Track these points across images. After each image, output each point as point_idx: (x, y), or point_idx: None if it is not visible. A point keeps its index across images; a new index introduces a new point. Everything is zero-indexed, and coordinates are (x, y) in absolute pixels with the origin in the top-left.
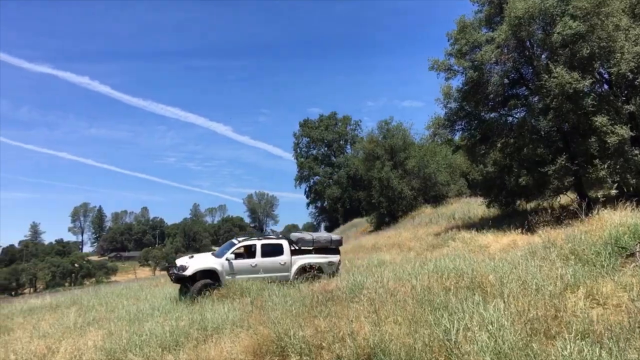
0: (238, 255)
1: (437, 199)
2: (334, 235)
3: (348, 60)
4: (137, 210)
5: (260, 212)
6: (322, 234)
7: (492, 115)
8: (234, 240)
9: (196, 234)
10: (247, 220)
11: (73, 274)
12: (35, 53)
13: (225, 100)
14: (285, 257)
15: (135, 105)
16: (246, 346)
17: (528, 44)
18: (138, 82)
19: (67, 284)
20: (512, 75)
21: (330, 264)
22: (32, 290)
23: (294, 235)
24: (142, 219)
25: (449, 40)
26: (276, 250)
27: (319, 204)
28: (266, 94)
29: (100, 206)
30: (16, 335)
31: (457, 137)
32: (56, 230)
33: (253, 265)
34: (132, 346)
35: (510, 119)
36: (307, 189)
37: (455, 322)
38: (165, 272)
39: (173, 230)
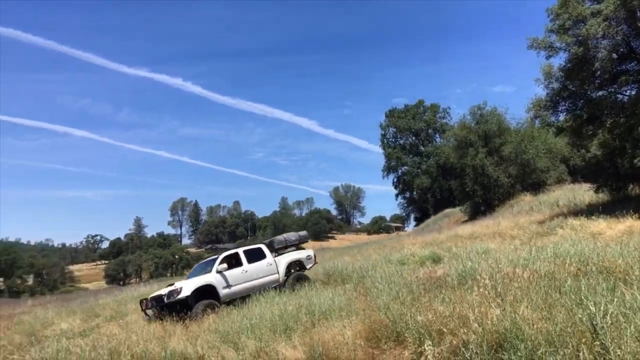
0: (226, 268)
1: (536, 187)
2: (301, 233)
3: (431, 48)
4: (230, 204)
5: (347, 204)
6: (291, 234)
7: (600, 93)
8: (204, 260)
9: (285, 226)
10: (333, 212)
11: (174, 265)
12: (134, 58)
13: (309, 95)
14: (269, 259)
15: (225, 104)
16: (359, 331)
17: (639, 14)
18: (226, 81)
19: (168, 274)
20: (622, 49)
21: (309, 257)
22: (137, 280)
23: (268, 240)
24: (235, 212)
25: (549, 16)
26: (258, 254)
27: (407, 195)
28: (349, 87)
29: (196, 201)
30: (132, 318)
31: (560, 119)
32: (157, 224)
33: (244, 271)
34: (244, 329)
35: (620, 96)
36: (395, 180)
37: (600, 306)
38: None
39: (263, 223)
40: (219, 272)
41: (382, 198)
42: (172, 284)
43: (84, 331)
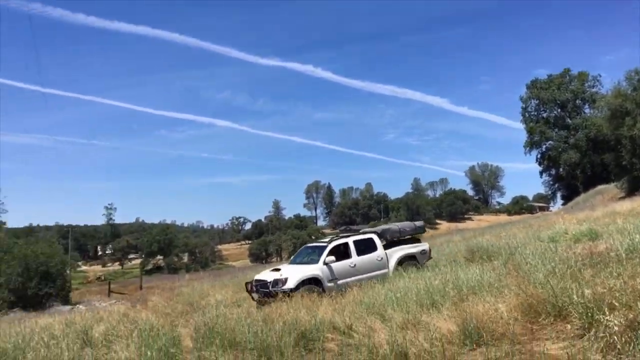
0: (334, 260)
1: None
2: (417, 222)
3: (576, 12)
4: (362, 186)
5: (484, 184)
6: (407, 223)
7: None
8: (312, 245)
9: (419, 208)
10: (470, 193)
11: None
12: (267, 50)
13: (441, 73)
14: (380, 251)
15: (355, 87)
16: (514, 305)
17: None
18: (355, 64)
19: None
20: None
21: (423, 252)
22: (278, 258)
23: (379, 228)
24: (367, 194)
25: None
26: (369, 246)
27: (553, 172)
28: (484, 61)
29: (329, 183)
30: None
31: None
32: (294, 206)
33: (352, 265)
34: (389, 302)
35: None
36: (538, 156)
37: None
38: None
39: (396, 204)
40: (326, 264)
41: (523, 177)
42: (278, 269)
43: (236, 301)
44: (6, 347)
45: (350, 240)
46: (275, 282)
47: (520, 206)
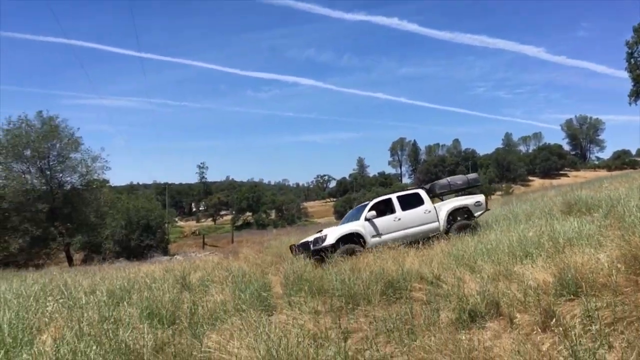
0: (375, 215)
1: None
2: (470, 175)
3: None
4: (449, 143)
5: (582, 138)
6: (458, 177)
7: None
8: (358, 205)
9: (510, 164)
10: (566, 147)
11: None
12: (351, 3)
13: (535, 20)
14: (427, 205)
15: (442, 39)
16: (616, 256)
17: None
18: (443, 15)
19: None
20: None
21: (477, 204)
22: None
23: (427, 185)
24: (454, 151)
25: None
26: (415, 201)
27: None
28: (585, 5)
29: (414, 140)
30: None
31: None
32: (378, 163)
33: (397, 219)
34: (479, 253)
35: None
36: None
37: None
38: None
39: (485, 161)
40: (367, 219)
41: (625, 130)
42: (320, 231)
43: None
44: (114, 289)
45: (394, 196)
46: (316, 241)
47: (622, 161)
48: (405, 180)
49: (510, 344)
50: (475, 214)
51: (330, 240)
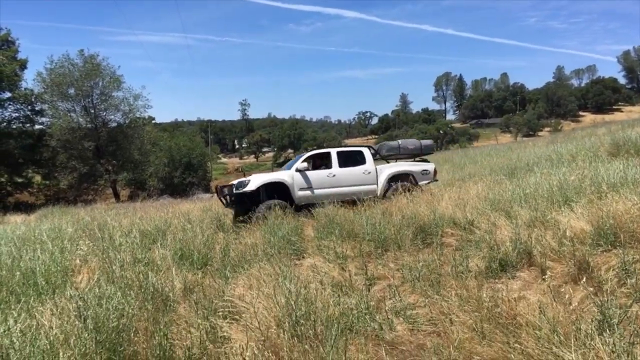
0: (311, 167)
1: None
2: (424, 141)
3: None
4: (497, 77)
5: None
6: (410, 141)
7: None
8: (296, 158)
9: (560, 99)
10: (622, 81)
11: (438, 140)
12: None
13: None
14: (369, 166)
15: None
16: None
17: None
18: None
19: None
20: None
21: (425, 172)
22: None
23: (379, 145)
24: (502, 86)
25: None
26: (356, 159)
27: None
28: None
29: (460, 75)
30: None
31: None
32: (421, 100)
33: (331, 175)
34: (516, 198)
35: None
36: None
37: None
38: None
39: (534, 96)
40: (298, 170)
41: None
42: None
43: None
44: (150, 230)
45: (333, 151)
46: (239, 184)
47: None
48: (450, 116)
49: (537, 299)
50: (420, 182)
51: (251, 186)
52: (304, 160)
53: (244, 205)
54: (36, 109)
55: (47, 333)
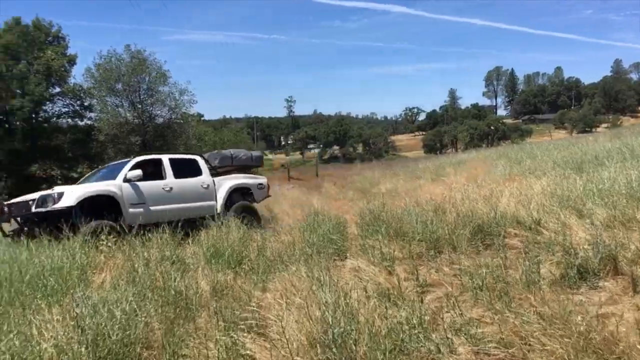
0: (140, 176)
1: None
2: (254, 152)
3: None
4: (550, 71)
5: None
6: (241, 150)
7: None
8: (112, 163)
9: (618, 93)
10: None
11: (489, 136)
12: None
13: None
14: (206, 177)
15: None
16: None
17: None
18: None
19: (483, 146)
20: None
21: (260, 186)
22: (453, 150)
23: (209, 154)
24: (556, 80)
25: None
26: (191, 169)
27: None
28: None
29: (512, 69)
30: (451, 179)
31: None
32: (471, 95)
33: (167, 189)
34: (589, 194)
35: None
36: None
37: None
38: None
39: (590, 91)
40: (127, 180)
41: None
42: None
43: (407, 190)
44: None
45: (165, 157)
46: (43, 200)
47: None
48: (501, 112)
49: (634, 318)
50: (257, 198)
51: (68, 201)
52: (135, 167)
53: (49, 230)
54: (85, 104)
55: (35, 347)
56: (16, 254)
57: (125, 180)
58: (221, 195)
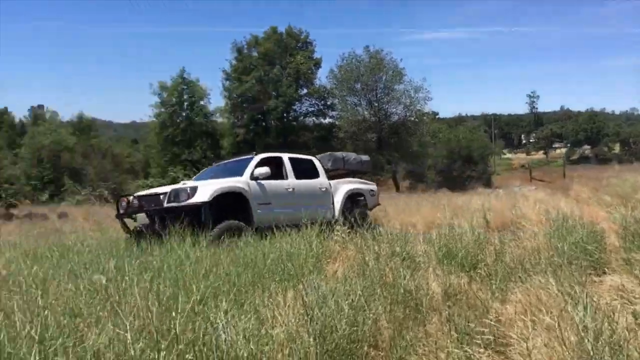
0: (268, 174)
1: None
2: (363, 157)
3: None
4: None
5: None
6: (352, 154)
7: None
8: (227, 161)
9: None
10: None
11: None
12: None
13: None
14: (323, 179)
15: None
16: None
17: None
18: None
19: None
20: None
21: (372, 193)
22: None
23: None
24: None
25: None
26: (309, 170)
27: None
28: None
29: None
30: None
31: None
32: None
33: (289, 189)
34: None
35: None
36: None
37: None
38: None
39: None
40: (255, 178)
41: None
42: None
43: None
44: (414, 222)
45: (285, 156)
46: (176, 194)
47: None
48: None
49: None
50: (370, 205)
51: (202, 196)
52: (261, 164)
53: (178, 222)
54: (328, 103)
55: (268, 330)
56: (261, 239)
57: (253, 177)
58: (338, 199)
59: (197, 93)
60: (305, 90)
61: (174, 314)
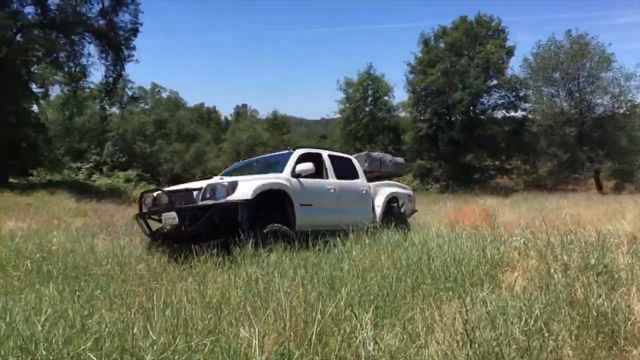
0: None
1: None
2: (398, 159)
3: None
4: None
5: None
6: (388, 155)
7: None
8: (264, 156)
9: None
10: None
11: None
12: None
13: None
14: (363, 181)
15: None
16: None
17: None
18: None
19: None
20: None
21: (410, 198)
22: None
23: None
24: None
25: None
26: (348, 170)
27: None
28: None
29: None
30: None
31: None
32: None
33: (331, 189)
34: None
35: None
36: None
37: None
38: None
39: None
40: (297, 175)
41: None
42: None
43: None
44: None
45: (324, 153)
46: (212, 190)
47: None
48: None
49: None
50: (406, 211)
51: (244, 192)
52: (303, 159)
53: (217, 230)
54: (520, 94)
55: (420, 348)
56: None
57: (294, 174)
58: (379, 203)
59: (381, 88)
60: (494, 82)
61: (319, 316)
